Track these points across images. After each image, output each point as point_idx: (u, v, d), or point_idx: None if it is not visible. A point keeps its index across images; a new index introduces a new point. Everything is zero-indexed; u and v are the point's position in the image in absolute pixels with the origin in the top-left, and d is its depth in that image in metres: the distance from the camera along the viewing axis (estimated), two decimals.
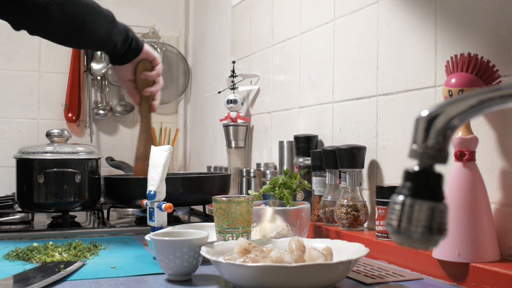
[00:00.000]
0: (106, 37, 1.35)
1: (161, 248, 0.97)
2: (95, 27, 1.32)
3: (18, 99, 2.65)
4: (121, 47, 1.40)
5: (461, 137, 0.94)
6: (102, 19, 1.33)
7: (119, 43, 1.38)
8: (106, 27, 1.34)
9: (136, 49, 1.43)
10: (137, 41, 1.44)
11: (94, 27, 1.32)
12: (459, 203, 0.92)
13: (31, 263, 1.13)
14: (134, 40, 1.42)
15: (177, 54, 2.87)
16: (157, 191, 1.25)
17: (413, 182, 0.57)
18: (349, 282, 0.96)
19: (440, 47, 1.10)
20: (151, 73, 1.46)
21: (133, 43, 1.42)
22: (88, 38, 1.34)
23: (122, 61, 1.45)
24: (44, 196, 1.56)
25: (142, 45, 1.44)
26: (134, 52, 1.43)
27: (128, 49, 1.42)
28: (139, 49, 1.44)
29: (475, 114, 0.57)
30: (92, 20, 1.31)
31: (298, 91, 1.68)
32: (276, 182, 1.27)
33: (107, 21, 1.34)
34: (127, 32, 1.40)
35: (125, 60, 1.44)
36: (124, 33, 1.39)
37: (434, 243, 0.56)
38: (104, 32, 1.34)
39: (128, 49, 1.42)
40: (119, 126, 2.84)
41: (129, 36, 1.40)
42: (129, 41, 1.40)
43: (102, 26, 1.33)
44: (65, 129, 1.70)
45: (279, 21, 1.82)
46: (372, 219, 1.29)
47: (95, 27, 1.32)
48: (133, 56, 1.44)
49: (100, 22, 1.32)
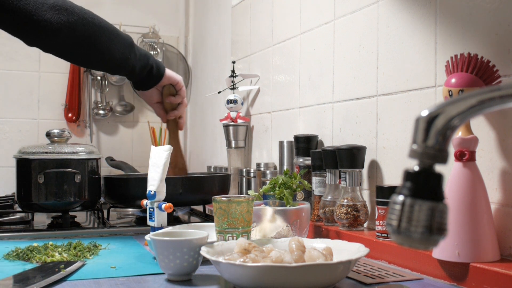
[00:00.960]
0: (122, 61, 1.36)
1: (161, 248, 0.97)
2: (109, 50, 1.33)
3: (18, 99, 2.65)
4: (139, 73, 1.41)
5: (461, 137, 0.94)
6: (118, 42, 1.34)
7: (138, 68, 1.40)
8: (122, 51, 1.35)
9: (158, 75, 1.45)
10: (159, 67, 1.45)
11: (108, 50, 1.33)
12: (459, 203, 0.92)
13: (31, 263, 1.13)
14: (156, 66, 1.44)
15: (177, 54, 2.87)
16: (157, 191, 1.25)
17: (413, 182, 0.57)
18: (349, 282, 0.96)
19: (440, 47, 1.10)
20: (175, 98, 1.50)
21: (154, 69, 1.43)
22: (102, 60, 1.36)
23: (145, 86, 1.47)
24: (44, 196, 1.56)
25: (164, 71, 1.46)
26: (155, 78, 1.46)
27: (149, 75, 1.44)
28: (160, 75, 1.46)
29: (475, 114, 0.57)
30: (106, 43, 1.32)
31: (298, 91, 1.68)
32: (276, 182, 1.27)
33: (124, 45, 1.35)
34: (147, 58, 1.42)
35: (148, 85, 1.47)
36: (144, 59, 1.41)
37: (434, 243, 0.56)
38: (119, 56, 1.35)
39: (149, 75, 1.44)
40: (119, 126, 2.84)
41: (149, 63, 1.42)
42: (149, 67, 1.42)
43: (117, 49, 1.34)
44: (65, 129, 1.70)
45: (279, 21, 1.82)
46: (372, 219, 1.29)
47: (109, 50, 1.33)
48: (155, 82, 1.46)
49: (115, 45, 1.34)
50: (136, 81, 1.47)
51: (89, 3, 2.67)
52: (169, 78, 1.48)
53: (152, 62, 1.44)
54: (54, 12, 1.24)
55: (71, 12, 1.26)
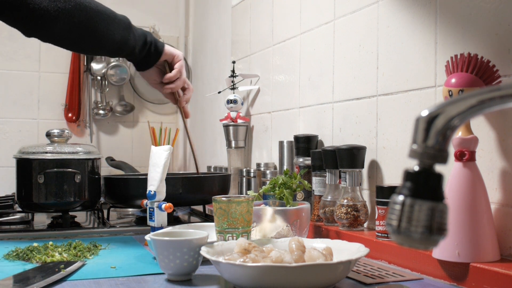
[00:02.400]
0: (122, 43, 1.34)
1: (161, 248, 0.97)
2: (109, 33, 1.32)
3: (18, 99, 2.65)
4: (139, 53, 1.39)
5: (461, 137, 0.94)
6: (116, 25, 1.33)
7: (138, 49, 1.38)
8: (121, 33, 1.33)
9: (156, 52, 1.42)
10: (157, 44, 1.42)
11: (108, 33, 1.31)
12: (459, 203, 0.92)
13: (31, 263, 1.13)
14: (153, 44, 1.41)
15: None
16: (157, 191, 1.25)
17: (413, 182, 0.57)
18: (349, 282, 0.96)
19: (440, 47, 1.10)
20: (170, 74, 1.44)
21: (152, 47, 1.41)
22: (102, 44, 1.34)
23: (145, 66, 1.44)
24: (44, 196, 1.56)
25: (163, 48, 1.43)
26: (154, 56, 1.42)
27: (148, 53, 1.41)
28: (159, 52, 1.42)
29: (475, 114, 0.57)
30: (105, 27, 1.31)
31: (298, 91, 1.68)
32: (276, 182, 1.27)
33: (122, 27, 1.34)
34: (145, 36, 1.39)
35: (147, 64, 1.43)
36: (142, 38, 1.38)
37: (434, 243, 0.56)
38: (119, 38, 1.33)
39: (148, 53, 1.41)
40: (119, 126, 2.84)
41: (148, 41, 1.39)
42: (148, 45, 1.40)
43: (117, 32, 1.33)
44: (65, 129, 1.70)
45: (279, 21, 1.82)
46: (372, 219, 1.29)
47: (109, 33, 1.32)
48: (155, 60, 1.43)
49: (114, 28, 1.32)
50: (137, 62, 1.44)
51: None
52: (167, 54, 1.43)
53: (151, 40, 1.41)
54: (51, 0, 1.22)
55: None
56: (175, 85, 1.45)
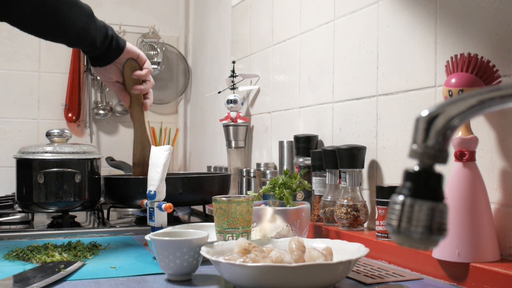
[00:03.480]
0: (83, 31, 1.25)
1: (161, 248, 0.97)
2: (70, 18, 1.23)
3: (18, 99, 2.65)
4: (100, 45, 1.30)
5: (461, 137, 0.94)
6: (79, 11, 1.24)
7: (98, 41, 1.29)
8: (83, 20, 1.25)
9: (117, 48, 1.33)
10: (118, 40, 1.33)
11: (69, 18, 1.23)
12: (459, 203, 0.92)
13: (31, 263, 1.13)
14: (115, 39, 1.32)
15: (177, 54, 2.87)
16: (157, 191, 1.25)
17: (413, 182, 0.57)
18: (349, 282, 0.96)
19: (440, 47, 1.10)
20: (141, 72, 1.36)
21: (113, 42, 1.32)
22: (62, 30, 1.25)
23: (104, 62, 1.34)
24: (44, 196, 1.56)
25: (124, 44, 1.34)
26: (115, 52, 1.33)
27: (109, 48, 1.31)
28: (120, 48, 1.33)
29: (475, 114, 0.57)
30: (67, 11, 1.22)
31: (298, 91, 1.68)
32: (276, 182, 1.27)
33: (84, 14, 1.25)
34: (106, 29, 1.30)
35: (107, 60, 1.34)
36: (103, 30, 1.29)
37: (434, 243, 0.56)
38: (80, 26, 1.24)
39: (108, 48, 1.31)
40: (119, 126, 2.84)
41: (109, 34, 1.30)
42: (109, 39, 1.31)
43: (79, 18, 1.24)
44: (65, 129, 1.70)
45: (279, 21, 1.82)
46: (372, 219, 1.29)
47: (70, 18, 1.23)
48: (115, 56, 1.34)
49: (76, 14, 1.23)
50: (95, 56, 1.34)
51: (89, 3, 2.67)
52: (129, 52, 1.34)
53: (112, 33, 1.31)
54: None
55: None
56: (145, 87, 1.38)
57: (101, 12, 2.72)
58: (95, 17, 1.29)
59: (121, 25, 2.75)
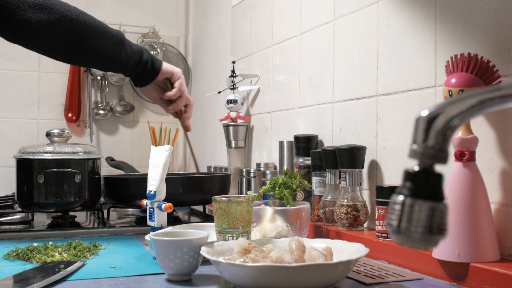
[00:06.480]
0: (111, 59, 1.31)
1: (161, 248, 0.97)
2: (96, 47, 1.29)
3: (18, 99, 2.65)
4: (133, 69, 1.36)
5: (461, 137, 0.94)
6: (106, 39, 1.30)
7: (131, 66, 1.35)
8: (110, 48, 1.30)
9: (153, 70, 1.39)
10: (154, 62, 1.39)
11: (95, 47, 1.28)
12: (459, 203, 0.92)
13: (31, 263, 1.13)
14: (150, 62, 1.38)
15: (177, 54, 2.87)
16: (157, 191, 1.25)
17: (413, 182, 0.57)
18: (349, 282, 0.96)
19: (440, 47, 1.10)
20: (170, 93, 1.41)
21: (148, 65, 1.37)
22: (89, 58, 1.31)
23: (141, 83, 1.41)
24: (44, 196, 1.56)
25: (160, 66, 1.40)
26: (151, 74, 1.39)
27: (144, 71, 1.38)
28: (156, 70, 1.39)
29: (475, 114, 0.57)
30: (93, 41, 1.28)
31: (298, 91, 1.68)
32: (276, 182, 1.27)
33: (113, 43, 1.31)
34: (141, 54, 1.36)
35: (144, 82, 1.41)
36: (136, 56, 1.35)
37: (434, 243, 0.56)
38: (107, 54, 1.30)
39: (143, 71, 1.38)
40: (119, 126, 2.84)
41: (143, 59, 1.36)
42: (143, 63, 1.37)
43: (106, 47, 1.30)
44: (65, 129, 1.70)
45: (279, 21, 1.82)
46: (372, 219, 1.29)
47: (96, 47, 1.29)
48: (151, 78, 1.40)
49: (103, 43, 1.29)
50: (132, 78, 1.41)
51: (89, 4, 2.68)
52: (164, 73, 1.40)
53: (147, 58, 1.37)
54: (35, 11, 1.20)
55: (52, 10, 1.21)
56: (177, 105, 1.43)
57: (101, 12, 2.74)
58: (126, 44, 1.34)
59: (121, 25, 2.75)
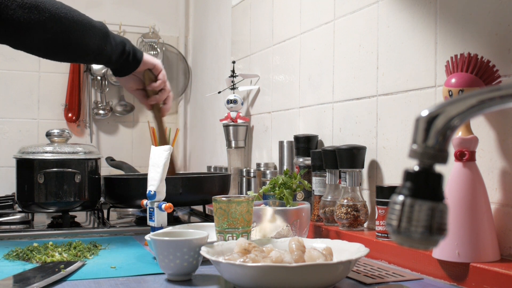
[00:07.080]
0: (97, 52, 1.32)
1: (161, 248, 0.97)
2: (83, 43, 1.29)
3: (18, 99, 2.65)
4: (116, 60, 1.37)
5: (461, 137, 0.94)
6: (92, 34, 1.30)
7: (114, 57, 1.36)
8: (96, 42, 1.31)
9: (134, 61, 1.41)
10: (136, 53, 1.41)
11: (82, 43, 1.29)
12: (459, 203, 0.92)
13: (31, 263, 1.13)
14: (132, 53, 1.40)
15: (177, 54, 2.87)
16: (157, 191, 1.25)
17: (413, 182, 0.57)
18: (349, 282, 0.96)
19: (440, 47, 1.10)
20: (155, 84, 1.44)
21: (130, 56, 1.39)
22: (76, 54, 1.32)
23: (122, 73, 1.43)
24: (44, 196, 1.56)
25: (141, 57, 1.42)
26: (132, 65, 1.41)
27: (126, 62, 1.39)
28: (137, 61, 1.41)
29: (475, 114, 0.57)
30: (80, 37, 1.28)
31: (298, 91, 1.68)
32: (276, 182, 1.27)
33: (98, 36, 1.31)
34: (124, 46, 1.38)
35: (125, 72, 1.43)
36: (120, 47, 1.36)
37: (434, 243, 0.56)
38: (94, 48, 1.31)
39: (125, 62, 1.39)
40: (119, 126, 2.84)
41: (126, 50, 1.38)
42: (126, 54, 1.38)
43: (92, 42, 1.30)
44: (65, 129, 1.70)
45: (279, 21, 1.82)
46: (372, 219, 1.29)
47: (83, 43, 1.29)
48: (132, 69, 1.42)
49: (89, 38, 1.29)
50: (114, 68, 1.43)
51: (89, 4, 2.68)
52: (145, 64, 1.42)
53: (129, 48, 1.39)
54: (24, 11, 1.19)
55: (41, 9, 1.21)
56: (160, 97, 1.46)
57: (101, 12, 2.74)
58: (110, 36, 1.35)
59: (121, 25, 2.75)
